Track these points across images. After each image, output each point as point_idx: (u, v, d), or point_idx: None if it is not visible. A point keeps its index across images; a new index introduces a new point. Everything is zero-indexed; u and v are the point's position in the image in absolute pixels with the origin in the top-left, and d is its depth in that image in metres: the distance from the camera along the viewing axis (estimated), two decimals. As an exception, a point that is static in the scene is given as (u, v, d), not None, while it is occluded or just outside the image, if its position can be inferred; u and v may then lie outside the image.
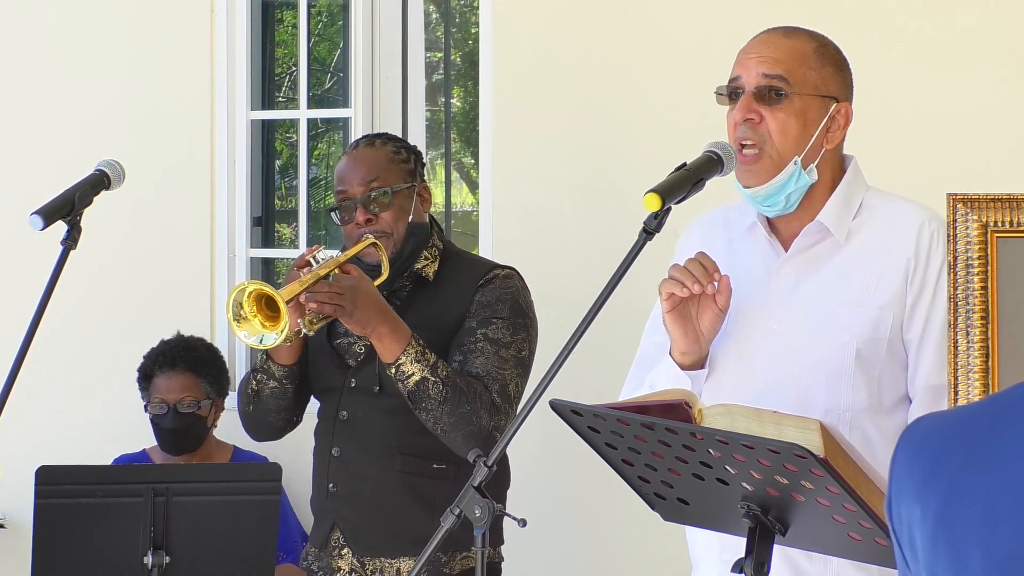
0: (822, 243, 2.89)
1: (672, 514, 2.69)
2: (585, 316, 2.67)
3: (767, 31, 2.96)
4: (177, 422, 4.79)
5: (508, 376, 3.56)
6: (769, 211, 2.89)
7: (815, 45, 2.92)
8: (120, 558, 3.84)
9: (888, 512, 1.52)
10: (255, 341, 3.39)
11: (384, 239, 3.62)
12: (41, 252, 3.87)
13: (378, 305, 3.47)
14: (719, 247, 2.95)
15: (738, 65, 2.91)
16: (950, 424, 1.51)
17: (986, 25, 4.30)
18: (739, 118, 2.85)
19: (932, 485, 1.47)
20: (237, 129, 5.39)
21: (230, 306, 3.36)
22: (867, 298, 2.85)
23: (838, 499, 2.42)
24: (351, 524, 3.66)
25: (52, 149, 5.45)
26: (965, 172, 4.19)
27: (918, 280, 2.84)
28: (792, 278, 2.89)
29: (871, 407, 2.85)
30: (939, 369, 2.81)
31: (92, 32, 5.50)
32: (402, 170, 3.69)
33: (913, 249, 2.84)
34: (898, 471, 1.51)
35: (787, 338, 2.87)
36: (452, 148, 9.78)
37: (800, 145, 2.86)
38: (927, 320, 2.84)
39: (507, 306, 3.61)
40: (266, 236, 5.63)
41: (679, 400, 2.58)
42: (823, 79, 2.89)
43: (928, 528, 1.46)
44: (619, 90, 4.74)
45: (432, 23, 9.26)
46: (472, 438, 3.47)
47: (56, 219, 3.34)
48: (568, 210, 4.81)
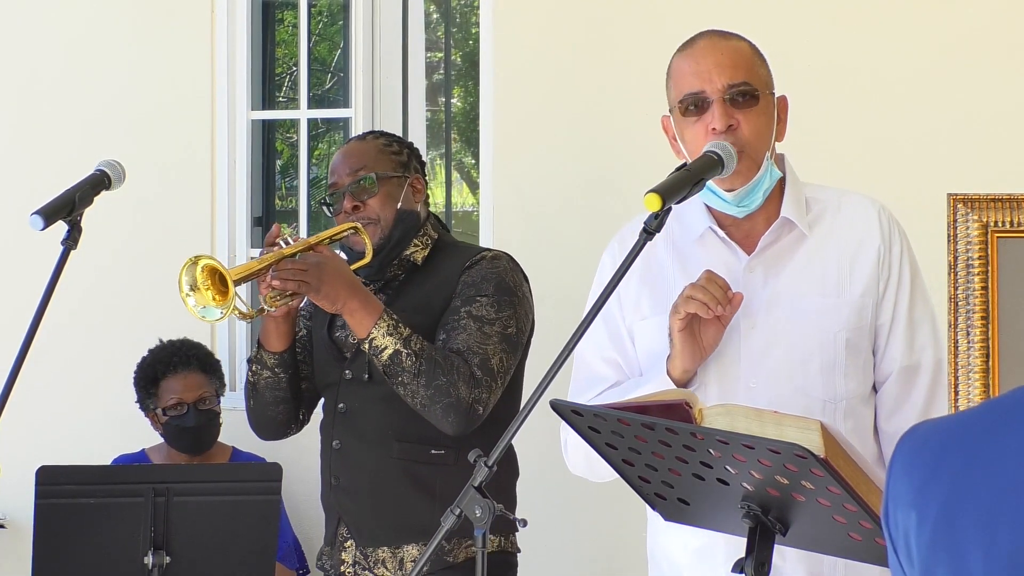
0: (785, 238, 2.93)
1: (673, 514, 2.69)
2: (585, 316, 2.68)
3: (706, 39, 2.95)
4: (199, 420, 4.80)
5: (491, 351, 3.53)
6: (742, 211, 2.91)
7: (749, 44, 2.97)
8: (120, 558, 3.84)
9: (884, 518, 1.52)
10: (199, 312, 3.37)
11: (372, 226, 3.63)
12: (41, 252, 3.86)
13: (347, 280, 3.46)
14: (662, 258, 2.97)
15: (693, 77, 2.89)
16: (948, 430, 1.51)
17: (986, 25, 4.30)
18: (721, 126, 2.85)
19: (930, 490, 1.47)
20: (238, 129, 5.39)
21: (182, 276, 3.35)
22: (845, 288, 2.90)
23: (839, 499, 2.42)
24: (353, 516, 3.67)
25: (52, 149, 5.45)
26: (965, 172, 4.19)
27: (886, 266, 2.90)
28: (760, 276, 2.92)
29: (862, 394, 2.91)
30: (910, 350, 2.89)
31: (92, 32, 5.49)
32: (391, 160, 3.71)
33: (879, 236, 2.91)
34: (895, 477, 1.51)
35: (771, 335, 2.88)
36: (452, 148, 9.78)
37: (768, 142, 2.91)
38: (895, 303, 2.90)
39: (492, 284, 3.60)
40: (266, 236, 5.63)
41: (679, 400, 2.58)
42: (767, 76, 2.95)
43: (926, 533, 1.46)
44: (619, 90, 4.74)
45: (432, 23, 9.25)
46: (451, 411, 3.46)
47: (56, 219, 3.34)
48: (568, 210, 4.81)
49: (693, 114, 2.89)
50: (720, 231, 2.94)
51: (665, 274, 2.97)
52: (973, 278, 2.55)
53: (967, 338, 2.54)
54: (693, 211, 2.93)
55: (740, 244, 2.94)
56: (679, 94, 2.91)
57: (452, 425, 3.47)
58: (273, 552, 3.95)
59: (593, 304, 2.69)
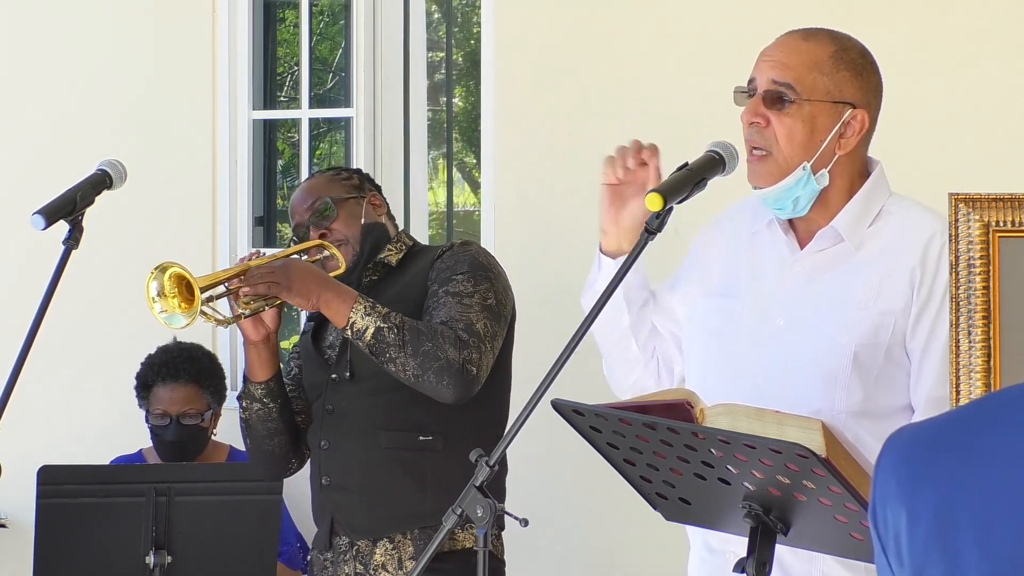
0: (835, 247, 2.89)
1: (674, 514, 2.69)
2: (587, 316, 2.68)
3: (789, 33, 2.94)
4: (180, 434, 4.77)
5: (473, 317, 3.55)
6: (779, 213, 2.89)
7: (833, 49, 2.90)
8: (122, 558, 3.85)
9: (872, 517, 1.50)
10: (163, 319, 3.38)
11: (342, 247, 3.70)
12: (43, 252, 3.87)
13: (316, 275, 3.51)
14: (742, 237, 3.00)
15: (756, 66, 2.91)
16: (938, 428, 1.50)
17: (986, 25, 4.30)
18: (745, 121, 2.86)
19: (923, 488, 1.46)
20: (239, 129, 5.39)
21: (149, 283, 3.36)
22: (869, 302, 2.84)
23: (840, 499, 2.42)
24: (346, 512, 3.67)
25: (53, 149, 5.45)
26: (967, 171, 4.19)
27: (925, 290, 2.82)
28: (804, 277, 2.89)
29: (865, 411, 2.83)
30: (942, 381, 2.79)
31: (92, 31, 5.50)
32: (343, 186, 3.80)
33: (919, 258, 2.83)
34: (882, 475, 1.50)
35: (789, 335, 2.87)
36: (454, 148, 9.78)
37: (809, 151, 2.85)
38: (931, 331, 2.82)
39: (466, 263, 3.64)
40: (268, 236, 5.63)
41: (681, 400, 2.58)
42: (837, 85, 2.87)
43: (919, 532, 1.45)
44: (620, 90, 4.74)
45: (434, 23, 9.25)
46: (444, 373, 3.46)
47: (58, 219, 3.34)
48: (569, 210, 4.81)
49: (743, 102, 2.90)
50: (781, 224, 2.93)
51: (736, 257, 2.97)
52: (974, 278, 2.54)
53: (968, 338, 2.54)
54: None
55: (800, 241, 2.92)
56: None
57: (449, 388, 3.47)
58: (274, 552, 3.95)
59: (595, 303, 2.69)
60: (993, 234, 2.54)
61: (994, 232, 2.54)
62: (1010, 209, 2.54)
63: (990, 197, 2.54)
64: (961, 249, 2.55)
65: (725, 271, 2.99)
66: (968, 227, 2.55)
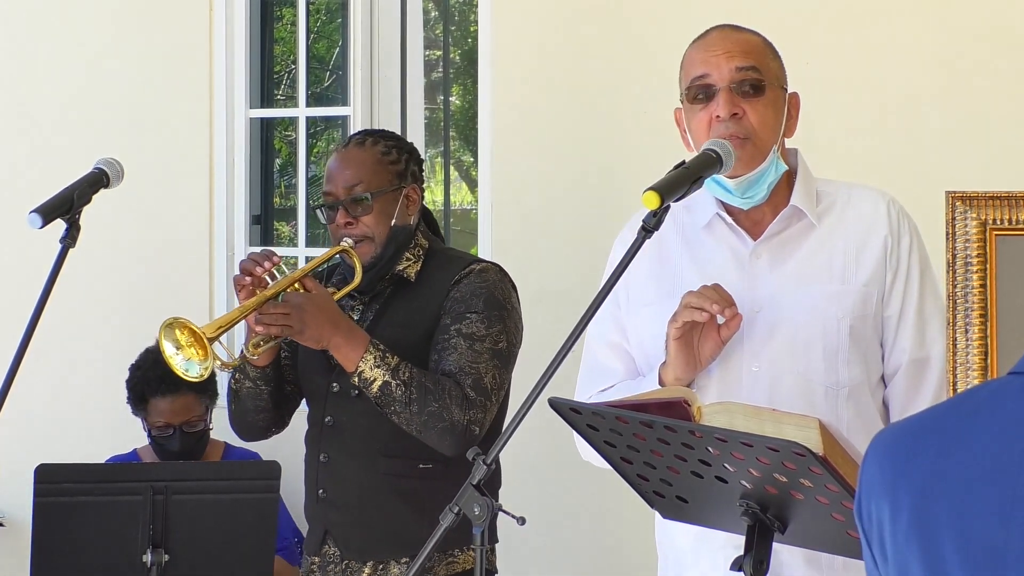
0: (794, 227, 2.95)
1: (671, 512, 2.70)
2: (584, 314, 2.67)
3: (718, 30, 2.98)
4: (184, 443, 4.78)
5: (483, 369, 3.52)
6: (747, 202, 2.92)
7: (763, 38, 2.98)
8: (119, 556, 3.85)
9: (857, 511, 1.52)
10: (182, 370, 3.39)
11: (365, 243, 3.62)
12: (40, 250, 3.86)
13: (330, 317, 3.46)
14: (672, 246, 2.99)
15: (701, 64, 2.92)
16: (920, 424, 1.52)
17: (986, 23, 4.30)
18: (725, 114, 2.87)
19: (904, 482, 1.47)
20: (236, 127, 5.39)
21: (163, 340, 3.37)
22: (851, 276, 2.92)
23: (837, 497, 2.42)
24: (341, 529, 3.65)
25: (51, 148, 5.45)
26: (964, 170, 4.19)
27: (895, 257, 2.92)
28: (766, 262, 2.93)
29: (865, 382, 2.91)
30: (920, 343, 2.91)
31: (91, 30, 5.49)
32: (389, 172, 3.67)
33: (887, 227, 2.93)
34: (868, 470, 1.51)
35: (775, 320, 2.89)
36: (451, 146, 9.78)
37: (776, 135, 2.93)
38: (904, 295, 2.92)
39: (481, 300, 3.57)
40: (265, 234, 5.63)
41: (678, 398, 2.58)
42: (779, 70, 2.96)
43: (901, 524, 1.46)
44: (618, 89, 4.74)
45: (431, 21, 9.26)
46: (447, 434, 3.45)
47: (55, 217, 3.34)
48: (567, 208, 4.81)
49: (700, 102, 2.91)
50: (727, 217, 2.95)
51: (673, 261, 2.98)
52: (971, 276, 2.55)
53: (965, 336, 2.54)
54: (702, 199, 2.95)
55: (748, 232, 2.96)
56: (687, 80, 2.93)
57: (449, 447, 3.47)
58: (271, 550, 3.95)
59: (592, 302, 2.68)
60: (990, 232, 2.54)
61: (991, 230, 2.54)
62: (1007, 207, 2.54)
63: (987, 195, 2.55)
64: (958, 247, 2.55)
65: (660, 278, 2.98)
66: (965, 225, 2.55)
